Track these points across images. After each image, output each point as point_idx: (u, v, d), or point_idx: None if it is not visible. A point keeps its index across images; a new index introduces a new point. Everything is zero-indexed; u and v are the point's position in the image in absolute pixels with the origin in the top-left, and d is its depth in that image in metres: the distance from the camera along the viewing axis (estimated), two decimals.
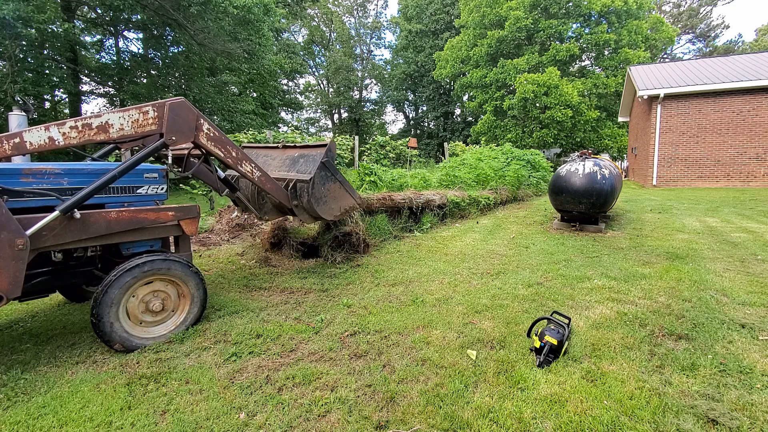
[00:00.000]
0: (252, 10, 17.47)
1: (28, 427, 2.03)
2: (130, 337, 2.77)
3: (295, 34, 40.87)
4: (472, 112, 33.19)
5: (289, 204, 3.98)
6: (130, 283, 2.74)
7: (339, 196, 4.21)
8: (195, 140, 2.99)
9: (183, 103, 2.87)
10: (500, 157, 12.33)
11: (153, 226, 3.02)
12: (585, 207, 6.25)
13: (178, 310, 3.07)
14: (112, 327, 2.68)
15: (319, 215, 4.06)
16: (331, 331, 3.07)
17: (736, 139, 13.77)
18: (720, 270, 4.40)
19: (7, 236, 2.29)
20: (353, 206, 4.45)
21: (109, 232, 2.77)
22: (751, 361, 2.52)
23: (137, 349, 2.79)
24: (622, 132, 24.83)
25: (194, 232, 3.24)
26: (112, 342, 2.70)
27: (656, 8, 34.95)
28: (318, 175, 3.92)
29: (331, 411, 2.12)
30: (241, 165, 3.34)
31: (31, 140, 2.41)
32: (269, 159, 4.76)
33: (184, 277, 2.99)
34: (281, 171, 4.43)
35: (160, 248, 3.30)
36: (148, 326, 2.92)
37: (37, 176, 2.63)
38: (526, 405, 2.14)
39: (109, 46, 20.26)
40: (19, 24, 12.33)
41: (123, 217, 2.81)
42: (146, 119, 2.75)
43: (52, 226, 2.48)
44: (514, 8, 24.65)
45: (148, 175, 3.18)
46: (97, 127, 2.58)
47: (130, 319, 2.83)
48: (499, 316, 3.31)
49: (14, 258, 2.32)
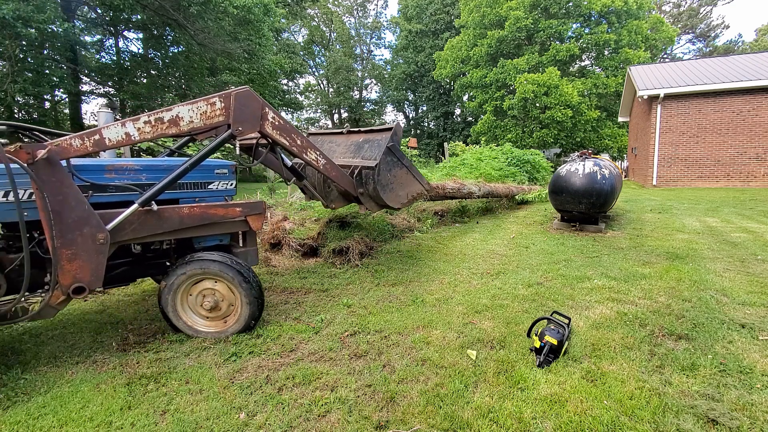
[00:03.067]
0: (252, 10, 17.48)
1: (28, 427, 2.03)
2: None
3: (295, 34, 40.88)
4: (472, 112, 33.18)
5: (355, 192, 3.88)
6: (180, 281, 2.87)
7: (406, 182, 4.00)
8: (261, 129, 2.97)
9: (248, 92, 2.87)
10: (500, 157, 12.32)
11: (222, 222, 3.07)
12: (585, 207, 6.25)
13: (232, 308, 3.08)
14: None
15: (386, 203, 3.92)
16: (331, 331, 3.07)
17: (736, 139, 13.77)
18: (720, 270, 4.40)
19: (90, 231, 2.42)
20: (421, 193, 4.21)
21: (182, 227, 2.85)
22: (751, 361, 2.52)
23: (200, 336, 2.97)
24: (622, 132, 24.83)
25: (260, 227, 3.29)
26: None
27: (656, 8, 34.94)
28: (384, 161, 3.74)
29: (331, 411, 2.12)
30: (306, 153, 3.32)
31: (109, 136, 2.48)
32: (334, 145, 4.64)
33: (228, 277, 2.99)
34: (346, 157, 4.27)
35: (228, 243, 3.37)
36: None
37: (119, 172, 2.75)
38: (526, 405, 2.14)
39: (109, 46, 20.26)
40: (19, 24, 12.33)
41: (194, 213, 2.88)
42: (213, 110, 2.76)
43: (130, 220, 2.59)
44: (514, 8, 24.64)
45: (219, 171, 3.25)
46: (168, 121, 2.63)
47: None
48: (499, 316, 3.31)
49: (96, 251, 2.45)
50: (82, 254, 2.42)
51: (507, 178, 10.69)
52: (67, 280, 2.40)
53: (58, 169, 2.32)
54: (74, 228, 2.38)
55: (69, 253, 2.38)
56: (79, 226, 2.39)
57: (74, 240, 2.38)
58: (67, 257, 2.38)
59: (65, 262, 2.38)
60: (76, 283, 2.42)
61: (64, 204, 2.33)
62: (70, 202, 2.35)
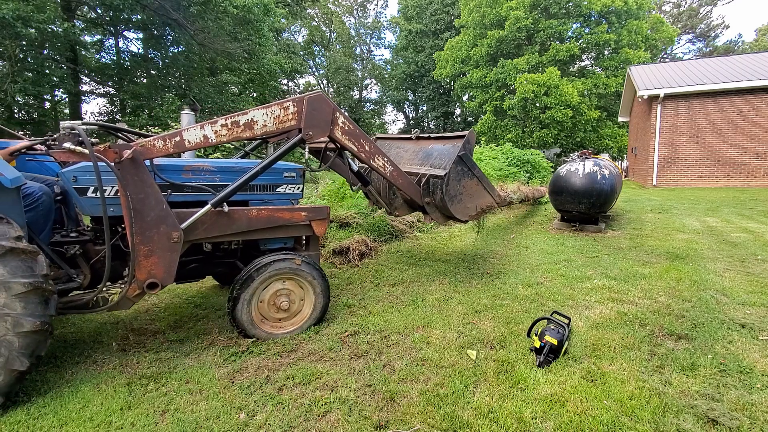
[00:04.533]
0: (252, 10, 17.46)
1: (28, 427, 2.03)
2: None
3: (295, 34, 40.84)
4: (472, 112, 33.18)
5: (421, 201, 3.78)
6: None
7: (476, 193, 3.81)
8: (330, 134, 2.98)
9: (320, 96, 2.88)
10: (500, 157, 12.32)
11: (287, 225, 3.10)
12: (585, 207, 6.25)
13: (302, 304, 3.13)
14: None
15: (453, 215, 3.78)
16: (331, 331, 3.07)
17: (736, 139, 13.76)
18: (720, 270, 4.39)
19: (166, 229, 2.51)
20: (491, 205, 3.99)
21: (249, 229, 2.90)
22: (751, 361, 2.52)
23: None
24: (622, 132, 24.82)
25: (323, 232, 3.31)
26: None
27: (656, 8, 34.94)
28: (453, 171, 3.58)
29: (331, 411, 2.12)
30: (373, 159, 3.29)
31: (189, 138, 2.55)
32: (402, 151, 4.54)
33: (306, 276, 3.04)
34: (413, 164, 4.14)
35: (292, 246, 3.41)
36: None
37: (196, 172, 2.84)
38: (526, 405, 2.14)
39: (109, 46, 20.24)
40: (19, 24, 12.32)
41: (262, 216, 2.93)
42: (286, 115, 2.79)
43: (202, 220, 2.65)
44: (514, 8, 24.63)
45: (288, 174, 3.27)
46: (243, 125, 2.68)
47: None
48: (499, 316, 3.31)
49: (170, 249, 2.55)
50: (158, 251, 2.51)
51: (507, 178, 10.69)
52: (143, 275, 2.50)
53: (142, 169, 2.42)
54: (152, 226, 2.47)
55: (146, 250, 2.48)
56: (157, 225, 2.48)
57: (151, 237, 2.48)
58: (144, 253, 2.48)
59: (142, 258, 2.48)
60: (151, 278, 2.51)
61: (144, 202, 2.43)
62: (150, 201, 2.45)
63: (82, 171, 2.46)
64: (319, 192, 8.07)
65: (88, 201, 2.50)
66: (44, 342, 2.15)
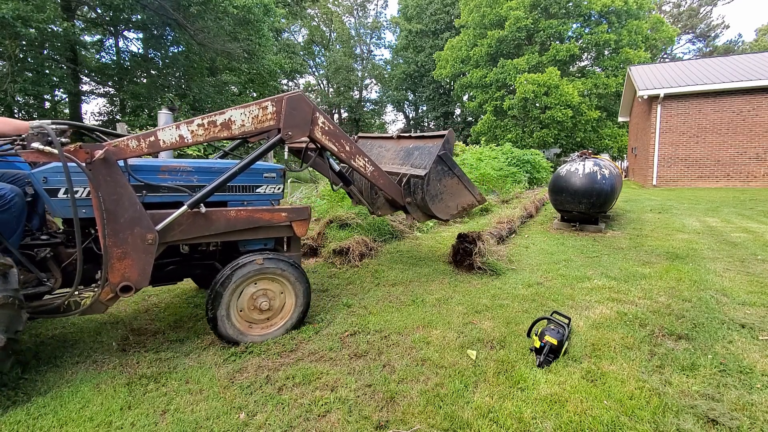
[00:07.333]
0: (252, 10, 17.48)
1: (28, 427, 2.03)
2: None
3: (295, 34, 40.88)
4: (472, 112, 33.19)
5: (402, 201, 3.80)
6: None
7: (456, 192, 3.87)
8: (310, 134, 2.95)
9: (300, 96, 2.85)
10: (500, 157, 12.33)
11: (267, 226, 3.07)
12: (585, 207, 6.25)
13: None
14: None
15: (434, 214, 3.82)
16: (331, 331, 3.07)
17: (736, 139, 13.77)
18: (720, 270, 4.40)
19: (140, 231, 2.45)
20: (472, 204, 4.05)
21: (228, 230, 2.85)
22: (751, 361, 2.52)
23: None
24: (622, 132, 24.84)
25: (304, 233, 3.27)
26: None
27: (656, 8, 34.93)
28: (434, 170, 3.62)
29: (331, 411, 2.12)
30: (354, 159, 3.27)
31: (164, 138, 2.50)
32: (383, 150, 4.56)
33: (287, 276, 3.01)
34: (395, 164, 4.18)
35: (272, 247, 3.36)
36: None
37: (172, 173, 2.77)
38: (526, 405, 2.14)
39: (109, 46, 20.25)
40: (19, 23, 12.32)
41: (241, 216, 2.89)
42: (265, 114, 2.76)
43: (179, 222, 2.60)
44: (514, 8, 24.66)
45: (267, 175, 3.23)
46: (221, 124, 2.64)
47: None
48: (499, 316, 3.31)
49: (144, 251, 2.48)
50: (132, 253, 2.46)
51: (507, 178, 10.69)
52: (116, 278, 2.44)
53: (115, 169, 2.36)
54: (126, 227, 2.42)
55: (119, 252, 2.42)
56: (131, 226, 2.43)
57: (125, 239, 2.42)
58: (117, 256, 2.42)
59: (115, 260, 2.42)
60: (124, 281, 2.46)
61: (117, 204, 2.38)
62: (123, 202, 2.40)
63: (53, 172, 2.39)
64: (319, 192, 8.10)
65: (59, 203, 2.43)
66: (17, 317, 2.11)
